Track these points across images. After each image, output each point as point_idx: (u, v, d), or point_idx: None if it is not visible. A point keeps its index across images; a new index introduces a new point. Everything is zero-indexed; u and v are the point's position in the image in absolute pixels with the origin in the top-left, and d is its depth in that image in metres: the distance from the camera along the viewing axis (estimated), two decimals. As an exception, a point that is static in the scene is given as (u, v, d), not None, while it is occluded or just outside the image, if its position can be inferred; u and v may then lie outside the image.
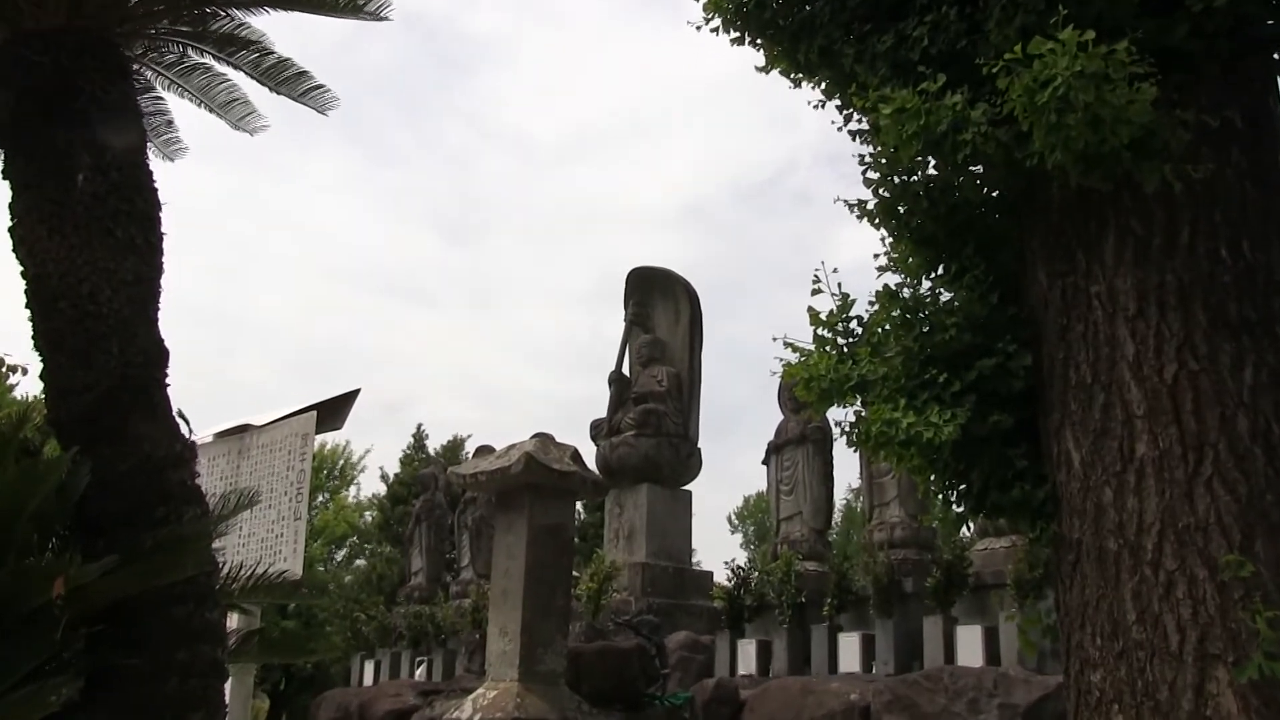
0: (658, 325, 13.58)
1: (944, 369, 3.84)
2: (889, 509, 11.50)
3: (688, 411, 13.08)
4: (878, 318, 4.07)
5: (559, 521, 7.41)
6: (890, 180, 3.98)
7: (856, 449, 4.14)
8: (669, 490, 12.88)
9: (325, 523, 29.07)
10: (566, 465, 7.35)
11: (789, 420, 12.64)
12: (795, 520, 12.24)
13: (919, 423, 3.68)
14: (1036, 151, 3.40)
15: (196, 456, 5.20)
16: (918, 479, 4.20)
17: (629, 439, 12.65)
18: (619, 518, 12.68)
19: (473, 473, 7.56)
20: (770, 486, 12.87)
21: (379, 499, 27.44)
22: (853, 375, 3.95)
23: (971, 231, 4.08)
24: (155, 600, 4.51)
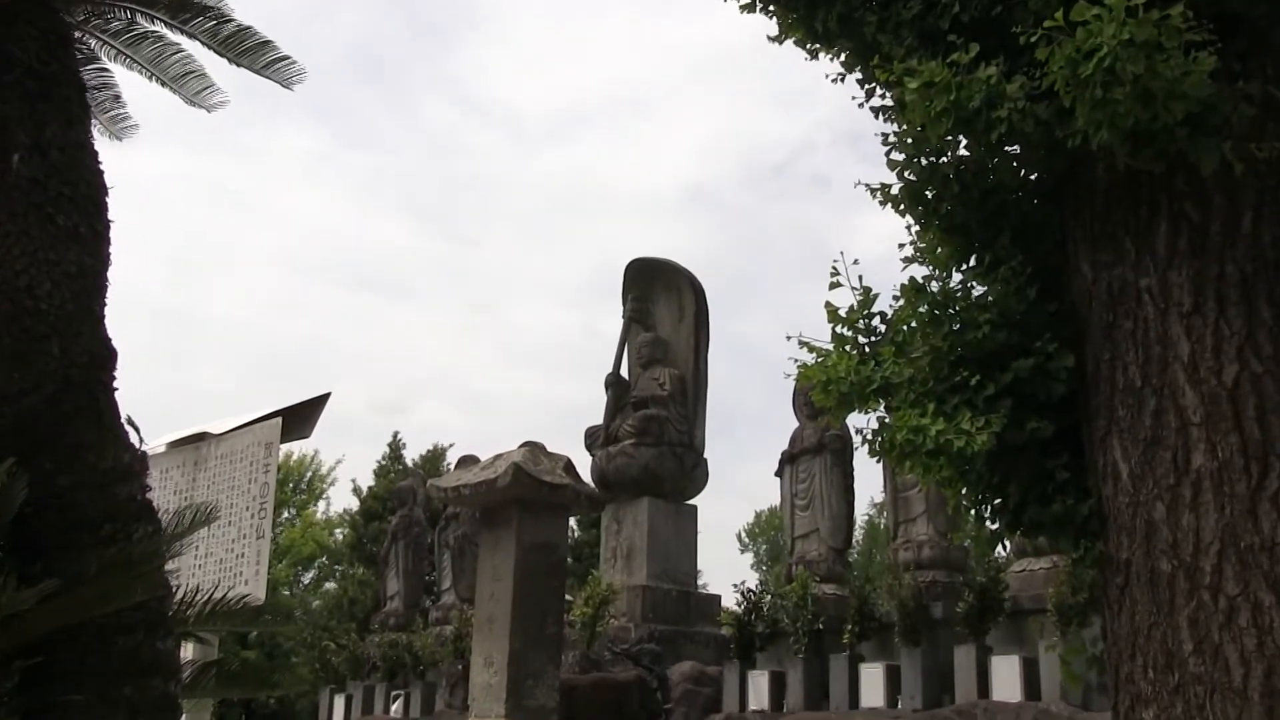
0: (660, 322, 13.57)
1: (976, 371, 3.82)
2: (916, 526, 11.49)
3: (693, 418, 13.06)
4: (903, 314, 4.05)
5: (550, 540, 7.39)
6: (917, 162, 3.96)
7: (879, 459, 4.14)
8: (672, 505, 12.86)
9: (291, 541, 29.13)
10: (558, 477, 7.33)
11: (805, 427, 12.63)
12: (812, 538, 12.23)
13: (949, 430, 3.66)
14: (1080, 130, 3.38)
15: (147, 468, 5.18)
16: (947, 493, 4.17)
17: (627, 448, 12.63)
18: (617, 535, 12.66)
19: (455, 486, 7.54)
20: (784, 501, 12.86)
21: (351, 515, 27.48)
22: (875, 378, 3.93)
23: (1007, 219, 4.07)
24: (100, 629, 4.48)
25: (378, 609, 17.83)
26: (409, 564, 16.96)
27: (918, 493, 11.36)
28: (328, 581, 30.26)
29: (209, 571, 8.20)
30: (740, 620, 11.07)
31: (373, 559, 22.00)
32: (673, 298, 13.52)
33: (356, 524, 26.53)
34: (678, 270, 13.49)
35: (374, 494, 26.08)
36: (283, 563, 28.66)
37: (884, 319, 4.13)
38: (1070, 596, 8.54)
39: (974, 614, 9.33)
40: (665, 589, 12.27)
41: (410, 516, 17.37)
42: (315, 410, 9.57)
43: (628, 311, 13.57)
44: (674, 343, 13.37)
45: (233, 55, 6.31)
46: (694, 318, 13.32)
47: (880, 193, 4.11)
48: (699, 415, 13.16)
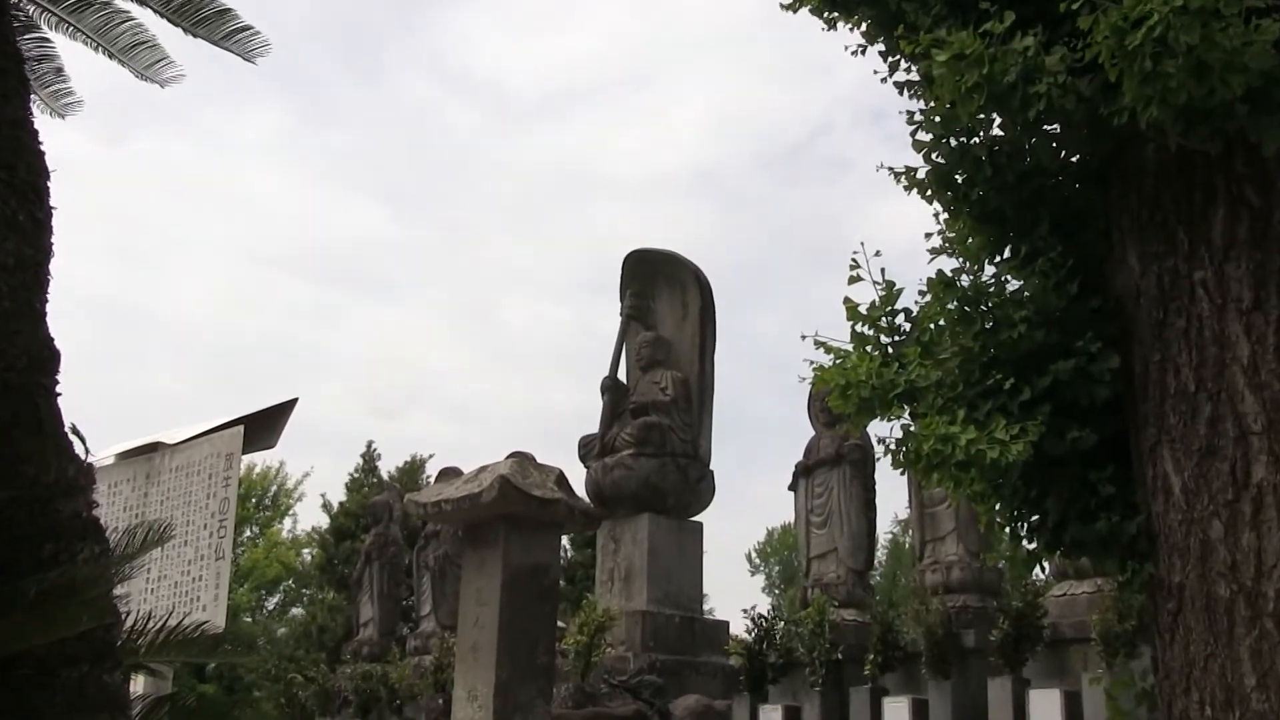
0: (661, 320, 13.56)
1: (1011, 373, 3.82)
2: (944, 545, 11.49)
3: (698, 425, 13.06)
4: (930, 311, 4.05)
5: (541, 560, 7.38)
6: (945, 143, 3.96)
7: (904, 472, 4.13)
8: (675, 522, 12.85)
9: (254, 563, 29.14)
10: (550, 491, 7.32)
11: (821, 436, 12.62)
12: (829, 558, 12.22)
13: (981, 439, 3.65)
14: (1127, 106, 3.37)
15: (94, 482, 5.16)
16: (979, 508, 4.16)
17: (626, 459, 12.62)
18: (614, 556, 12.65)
19: (435, 501, 7.52)
20: (799, 517, 12.85)
21: (320, 533, 27.46)
22: (899, 381, 3.93)
23: (1045, 205, 4.06)
24: (41, 661, 4.46)
25: (349, 637, 17.81)
26: (384, 587, 16.95)
27: (946, 509, 11.35)
28: (294, 607, 30.26)
29: (162, 596, 8.19)
30: (750, 649, 11.05)
31: (344, 582, 21.98)
32: (676, 293, 13.51)
33: (326, 543, 26.51)
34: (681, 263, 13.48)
35: (346, 510, 26.06)
36: (244, 586, 28.64)
37: (909, 316, 4.12)
38: (1116, 624, 8.53)
39: (1009, 643, 9.32)
40: (667, 615, 12.25)
41: (386, 535, 17.35)
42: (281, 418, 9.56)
43: (626, 308, 13.56)
44: (677, 343, 13.36)
45: (188, 24, 6.30)
46: (699, 315, 13.31)
47: (905, 177, 4.10)
48: (705, 423, 13.15)
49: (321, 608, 24.62)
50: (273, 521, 31.68)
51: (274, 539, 30.78)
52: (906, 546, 38.22)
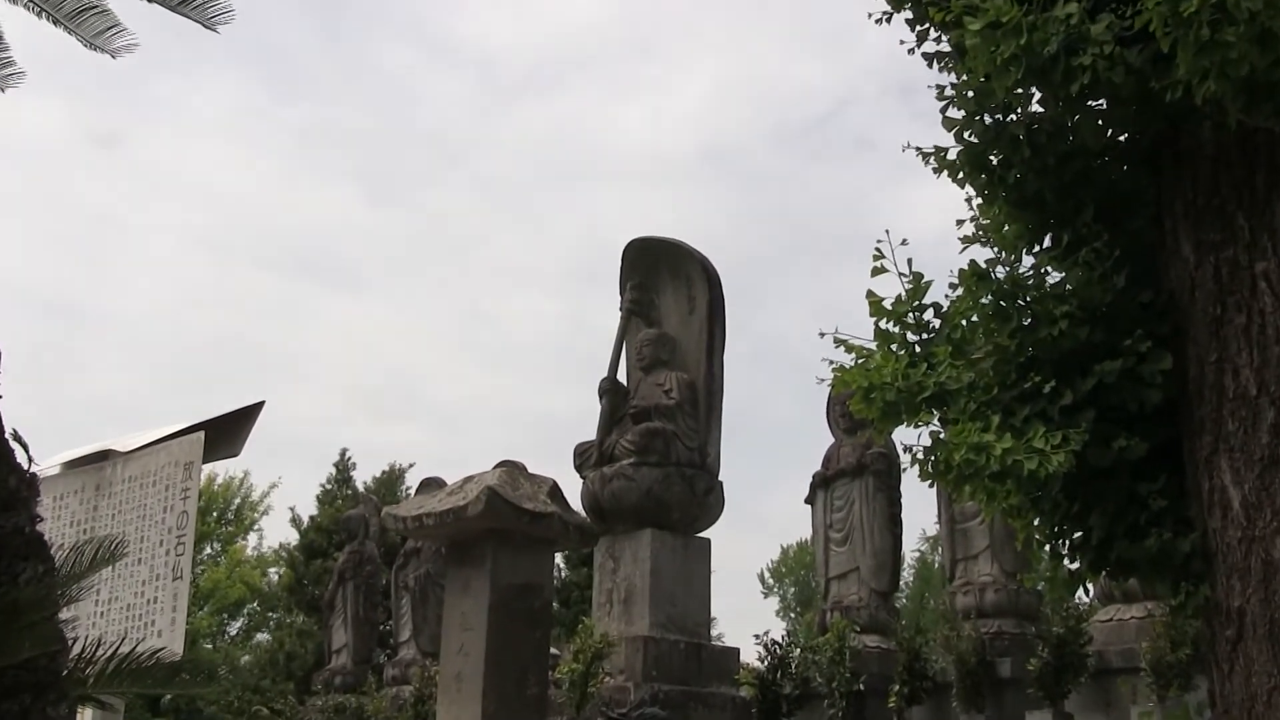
0: (665, 316, 13.55)
1: (1052, 375, 3.81)
2: (977, 565, 11.48)
3: (705, 432, 13.04)
4: (962, 306, 4.05)
5: (532, 580, 7.38)
6: (979, 120, 3.95)
7: (933, 483, 4.13)
8: (680, 538, 12.84)
9: (215, 583, 29.15)
10: (542, 504, 7.32)
11: (842, 444, 12.61)
12: (850, 579, 12.22)
13: (1018, 448, 3.65)
14: (1182, 80, 3.36)
15: (38, 494, 5.15)
16: (1016, 524, 4.16)
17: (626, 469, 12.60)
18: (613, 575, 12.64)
19: (416, 515, 7.53)
20: (817, 533, 12.83)
21: (289, 551, 27.48)
22: (928, 383, 3.92)
23: (1090, 189, 4.06)
24: (-20, 691, 4.45)
25: (321, 666, 17.82)
26: (359, 610, 16.95)
27: (980, 524, 11.33)
28: (260, 632, 30.26)
29: (114, 620, 8.20)
30: (763, 679, 11.05)
31: (315, 604, 21.98)
32: (681, 286, 13.50)
33: (295, 562, 26.52)
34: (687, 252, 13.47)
35: (317, 525, 26.08)
36: (205, 609, 28.65)
37: (938, 312, 4.12)
38: (1169, 652, 8.52)
39: (1050, 673, 9.31)
40: (672, 641, 12.23)
41: (361, 553, 17.36)
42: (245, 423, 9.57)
43: (626, 302, 13.54)
44: (683, 341, 13.34)
45: (143, -11, 6.29)
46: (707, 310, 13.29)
47: (935, 158, 4.10)
48: (713, 429, 13.13)
49: (290, 633, 24.62)
50: (236, 538, 31.69)
51: (237, 557, 30.79)
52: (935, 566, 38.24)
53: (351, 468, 27.66)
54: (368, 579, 17.19)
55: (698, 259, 13.39)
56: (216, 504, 31.11)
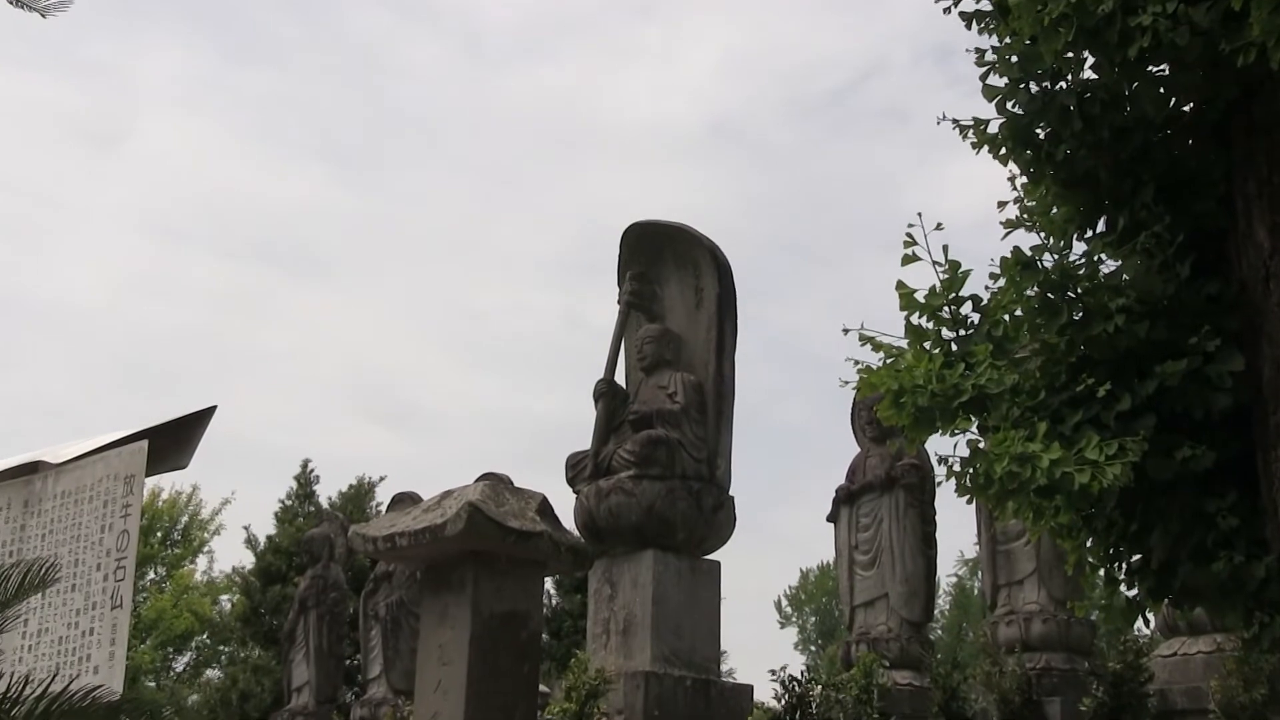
0: (670, 309, 13.56)
1: (1106, 377, 3.82)
2: (1022, 591, 11.47)
3: (714, 440, 13.05)
4: (1004, 299, 4.05)
5: (519, 609, 7.39)
6: (1024, 88, 3.96)
7: (971, 499, 4.14)
8: (686, 560, 12.84)
9: (160, 612, 29.14)
10: (530, 522, 7.33)
11: (869, 454, 12.61)
12: (878, 607, 12.21)
13: (1068, 459, 3.65)
14: (1255, 42, 3.37)
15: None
16: (1066, 545, 4.16)
17: (625, 483, 12.61)
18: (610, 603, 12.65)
19: (388, 535, 7.53)
20: (841, 555, 12.84)
21: (243, 576, 27.49)
22: (966, 386, 3.93)
23: (1150, 166, 4.06)
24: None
25: (279, 705, 17.82)
26: (323, 643, 16.96)
27: (1025, 545, 11.33)
28: (210, 668, 30.24)
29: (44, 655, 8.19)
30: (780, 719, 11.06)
31: (273, 636, 22.01)
32: (687, 276, 13.50)
33: (250, 588, 26.52)
34: (694, 238, 13.47)
35: (275, 546, 26.10)
36: (147, 642, 28.64)
37: (977, 305, 4.13)
38: (1240, 692, 8.52)
39: (1106, 713, 9.31)
40: (676, 677, 12.24)
41: (325, 577, 17.37)
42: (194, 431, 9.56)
43: (625, 294, 13.54)
44: (689, 337, 13.34)
45: (80, -60, 6.29)
46: (716, 303, 13.29)
47: (973, 131, 4.11)
48: (723, 437, 13.13)
49: (244, 669, 24.61)
50: (183, 561, 31.68)
51: (185, 583, 30.78)
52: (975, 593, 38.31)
53: (315, 481, 27.67)
54: (332, 607, 17.19)
55: (706, 246, 13.39)
56: (161, 523, 31.10)
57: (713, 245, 13.39)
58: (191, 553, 32.01)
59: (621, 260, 13.68)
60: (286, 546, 25.15)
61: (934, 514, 12.39)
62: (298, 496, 27.38)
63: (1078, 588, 10.90)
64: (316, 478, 27.66)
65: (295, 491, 27.45)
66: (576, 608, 22.60)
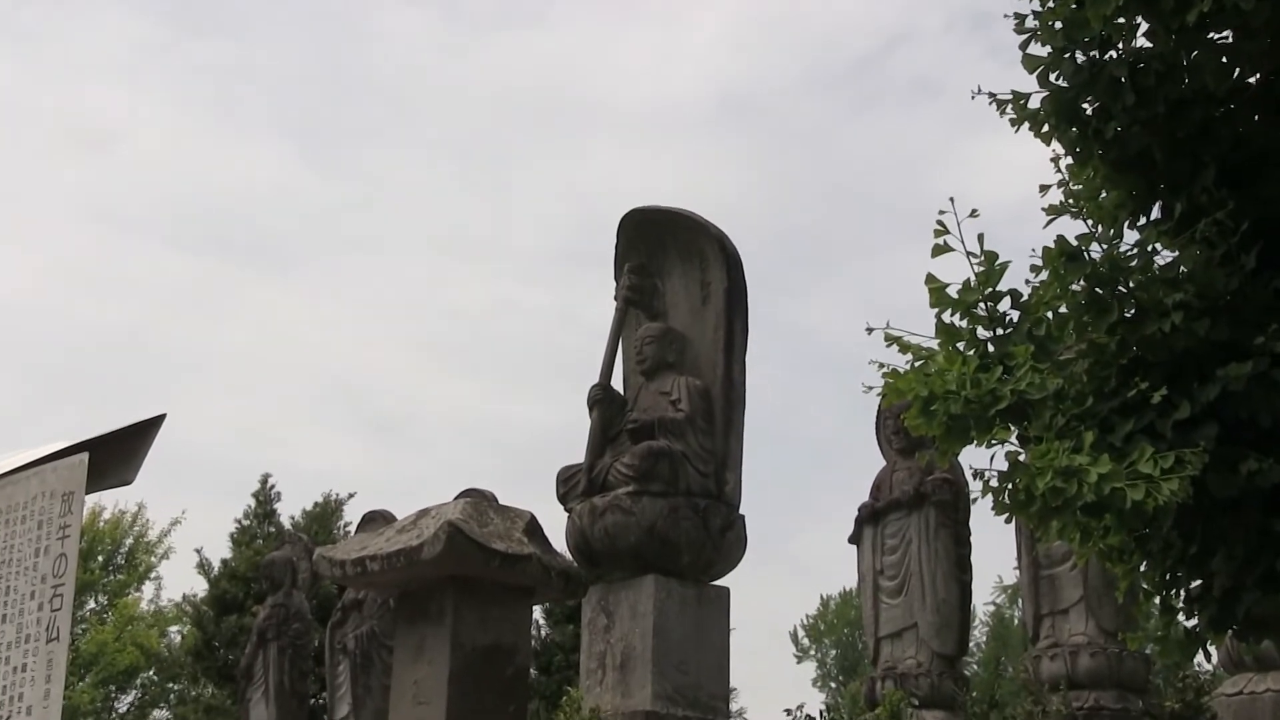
0: (673, 306, 13.56)
1: (1162, 381, 3.82)
2: (1068, 621, 11.46)
3: (723, 453, 13.05)
4: (1046, 294, 4.05)
5: (504, 641, 7.40)
6: (1070, 58, 3.96)
7: (1010, 518, 4.13)
8: (691, 587, 12.84)
9: (101, 646, 29.06)
10: (517, 544, 7.34)
11: (895, 468, 12.60)
12: (907, 638, 12.21)
13: (1119, 474, 3.65)
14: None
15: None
16: (1117, 570, 4.16)
17: (623, 500, 12.61)
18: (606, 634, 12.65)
19: (357, 558, 7.54)
20: (864, 581, 12.83)
21: (194, 604, 27.49)
22: (1004, 392, 3.92)
23: (1210, 145, 4.06)
24: None
25: (237, 748, 17.84)
26: (284, 680, 16.94)
27: (1071, 570, 11.33)
28: (157, 707, 30.21)
29: (-27, 692, 8.18)
30: (797, 765, 11.07)
31: (228, 673, 21.99)
32: (693, 268, 13.50)
33: (203, 619, 26.52)
34: (700, 226, 13.47)
35: (231, 572, 26.10)
36: (87, 679, 28.59)
37: (1017, 301, 4.12)
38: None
39: (1159, 757, 9.33)
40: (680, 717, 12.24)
41: (287, 607, 17.35)
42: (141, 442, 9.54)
43: (623, 289, 13.55)
44: (695, 337, 13.35)
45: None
46: (725, 299, 13.28)
47: (1013, 106, 4.10)
48: (732, 449, 13.12)
49: (195, 709, 24.63)
50: (127, 588, 31.65)
51: (129, 613, 30.74)
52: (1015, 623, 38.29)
53: (275, 499, 27.67)
54: (295, 640, 17.17)
55: (713, 234, 13.40)
56: (103, 546, 31.07)
57: (721, 234, 13.40)
58: (137, 579, 31.97)
59: (619, 251, 13.69)
60: (243, 572, 25.13)
61: (969, 535, 12.38)
62: (256, 516, 27.37)
63: (1130, 617, 10.89)
64: (277, 495, 27.67)
65: (253, 510, 27.45)
66: (568, 640, 22.58)
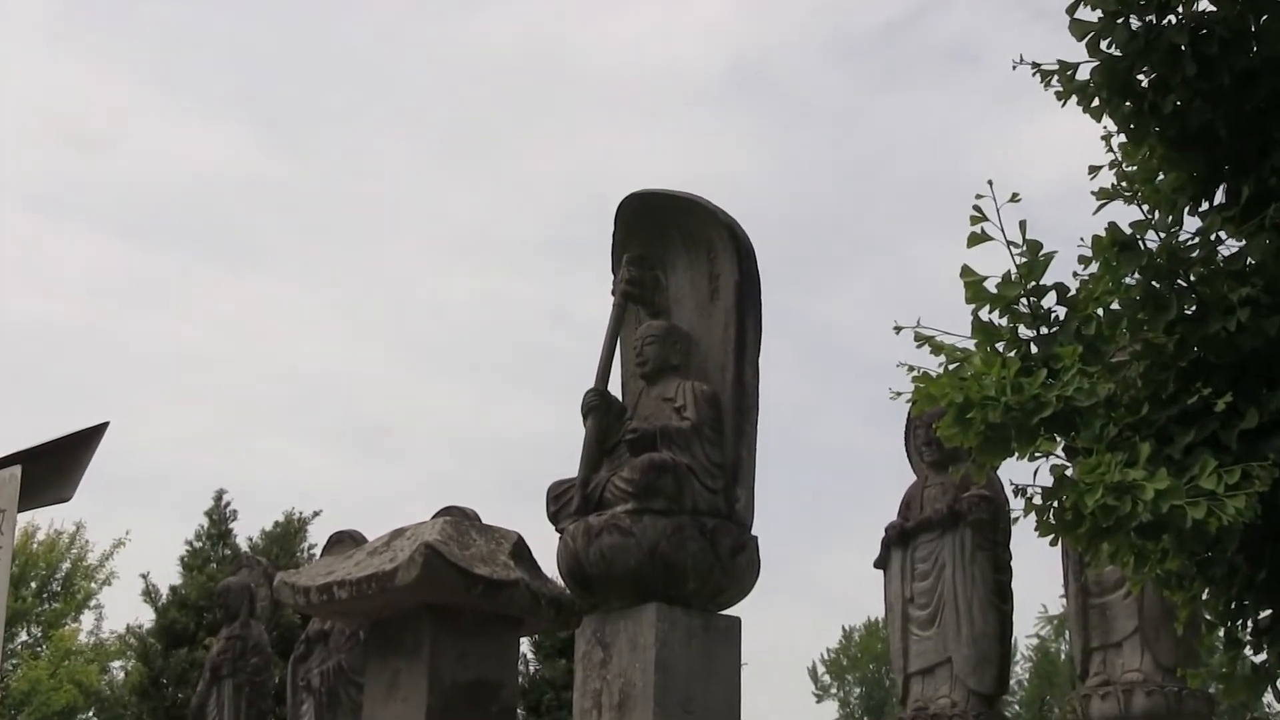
0: (677, 302, 13.57)
1: (1227, 386, 3.82)
2: (1121, 655, 11.47)
3: (734, 467, 13.05)
4: (1096, 288, 4.06)
5: (487, 677, 7.41)
6: (1124, 24, 3.96)
7: (1055, 540, 4.14)
8: (698, 617, 12.85)
9: (34, 683, 29.04)
10: (502, 568, 7.34)
11: (927, 483, 12.60)
12: (939, 674, 12.21)
13: (1178, 490, 3.66)
14: None
15: None
16: (1176, 598, 4.17)
17: (621, 519, 12.62)
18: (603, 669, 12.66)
19: (323, 584, 7.54)
20: (892, 611, 12.83)
21: (140, 636, 27.51)
22: (1048, 398, 3.93)
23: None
24: None
25: (188, 798, 17.86)
26: (242, 718, 16.98)
27: (1124, 599, 11.34)
28: (100, 751, 30.24)
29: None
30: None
31: (178, 713, 22.00)
32: (699, 260, 13.50)
33: (149, 652, 26.54)
34: (708, 213, 13.48)
35: (181, 600, 26.12)
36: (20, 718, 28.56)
37: (1063, 296, 4.13)
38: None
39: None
40: (686, 763, 12.27)
41: (244, 638, 17.37)
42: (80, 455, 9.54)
43: (621, 283, 13.55)
44: (701, 337, 13.35)
45: None
46: (735, 294, 13.29)
47: (1059, 77, 4.11)
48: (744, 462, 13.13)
49: (143, 753, 24.65)
50: (64, 618, 31.63)
51: (66, 646, 30.72)
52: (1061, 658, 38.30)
53: (231, 517, 27.69)
54: (253, 676, 17.20)
55: (723, 222, 13.42)
56: (36, 570, 31.06)
57: (731, 221, 13.40)
58: (74, 608, 31.96)
59: (617, 240, 13.69)
60: (195, 600, 25.13)
61: (1009, 559, 12.38)
62: (209, 537, 27.38)
63: (1191, 651, 10.91)
64: (234, 513, 27.69)
65: (206, 530, 27.46)
66: (560, 675, 22.58)
